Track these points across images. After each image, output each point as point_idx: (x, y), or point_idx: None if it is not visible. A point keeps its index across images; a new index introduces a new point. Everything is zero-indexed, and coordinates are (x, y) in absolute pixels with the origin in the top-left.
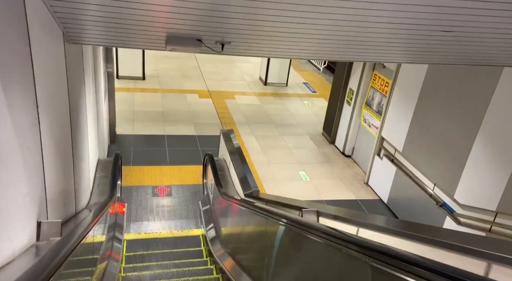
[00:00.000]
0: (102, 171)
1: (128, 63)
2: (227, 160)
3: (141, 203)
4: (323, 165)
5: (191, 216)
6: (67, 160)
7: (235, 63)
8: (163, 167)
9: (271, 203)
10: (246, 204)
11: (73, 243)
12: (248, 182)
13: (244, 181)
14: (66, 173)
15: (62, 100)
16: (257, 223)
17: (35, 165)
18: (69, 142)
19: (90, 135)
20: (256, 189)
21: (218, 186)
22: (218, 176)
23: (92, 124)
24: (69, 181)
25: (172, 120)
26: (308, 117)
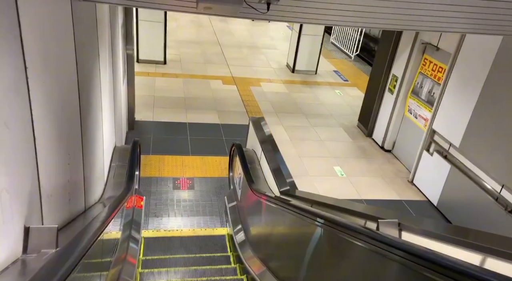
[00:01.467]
0: (118, 159)
1: (149, 46)
2: (257, 151)
3: (160, 196)
4: (360, 160)
5: (216, 212)
6: (73, 144)
7: (261, 49)
8: (185, 157)
9: (319, 206)
10: (288, 206)
11: (81, 251)
12: (283, 177)
13: (279, 176)
14: (72, 161)
15: (67, 68)
16: (302, 228)
17: (20, 148)
18: (77, 122)
19: (105, 118)
20: (291, 183)
21: (248, 181)
22: (248, 169)
23: (108, 106)
24: (77, 170)
25: (195, 107)
26: (341, 107)
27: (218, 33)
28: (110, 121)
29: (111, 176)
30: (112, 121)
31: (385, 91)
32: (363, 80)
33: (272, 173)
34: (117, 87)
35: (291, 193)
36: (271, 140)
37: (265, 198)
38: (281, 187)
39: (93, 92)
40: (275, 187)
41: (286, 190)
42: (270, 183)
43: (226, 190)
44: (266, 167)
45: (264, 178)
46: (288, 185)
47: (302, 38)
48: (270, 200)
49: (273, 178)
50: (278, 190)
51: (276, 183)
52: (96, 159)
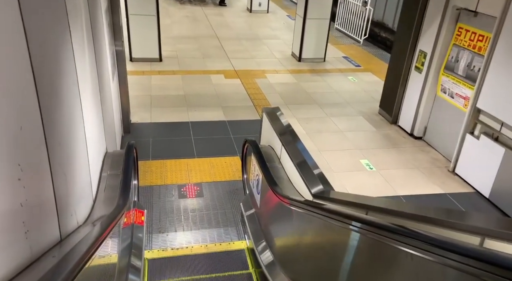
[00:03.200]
0: (111, 168)
1: (142, 43)
2: (276, 147)
3: (165, 208)
4: (389, 150)
5: (230, 222)
6: (29, 152)
7: (262, 40)
8: (190, 161)
9: (378, 213)
10: (332, 215)
11: None
12: (314, 176)
13: (309, 175)
14: (28, 175)
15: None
16: (358, 245)
17: None
18: (35, 125)
19: (89, 120)
20: (325, 182)
21: (270, 184)
22: (268, 169)
23: (92, 106)
24: (39, 187)
25: (197, 105)
26: (357, 94)
27: (215, 26)
28: (97, 124)
29: (101, 189)
30: (100, 124)
31: (411, 71)
32: (376, 65)
33: (299, 171)
34: (104, 86)
35: (328, 195)
36: (291, 132)
37: (296, 204)
38: (313, 189)
39: (63, 84)
40: (305, 188)
41: (320, 192)
42: (296, 184)
43: (241, 196)
44: (289, 165)
45: (288, 178)
46: (321, 185)
47: (307, 23)
48: (304, 207)
49: (300, 178)
50: (310, 193)
51: (305, 184)
52: (76, 170)
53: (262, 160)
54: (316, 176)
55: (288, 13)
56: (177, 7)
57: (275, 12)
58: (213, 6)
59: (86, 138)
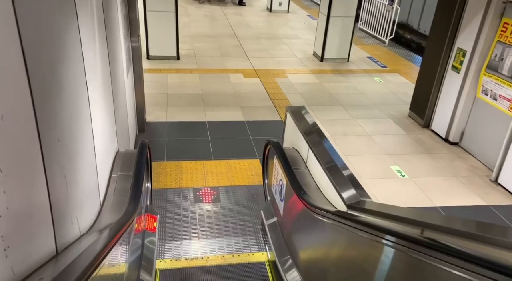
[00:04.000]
0: (121, 169)
1: (160, 40)
2: (301, 149)
3: (179, 213)
4: (422, 156)
5: (250, 231)
6: (16, 145)
7: (282, 40)
8: (207, 163)
9: (435, 231)
10: (380, 233)
11: None
12: (348, 183)
13: (342, 182)
14: (11, 176)
15: None
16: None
17: None
18: (27, 109)
19: (98, 114)
20: (361, 191)
21: (296, 191)
22: (294, 174)
23: (102, 102)
24: (27, 191)
25: (214, 104)
26: (384, 96)
27: (234, 26)
28: (108, 120)
29: (110, 192)
30: (111, 120)
31: (447, 71)
32: (404, 66)
33: (330, 177)
34: (117, 81)
35: (367, 207)
36: (319, 133)
37: (328, 215)
38: (348, 198)
39: (64, 76)
40: (336, 197)
41: (356, 202)
42: (326, 192)
43: (261, 202)
44: (318, 169)
45: (316, 185)
46: (357, 195)
47: (331, 21)
48: (338, 219)
49: (331, 185)
50: (344, 203)
51: (338, 192)
52: (79, 170)
53: (287, 163)
54: (350, 183)
55: (309, 13)
56: (196, 6)
57: (296, 12)
58: (232, 6)
59: (94, 135)
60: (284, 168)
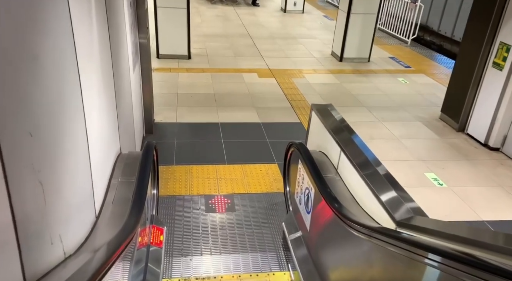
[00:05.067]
0: (124, 173)
1: (171, 39)
2: (331, 153)
3: (189, 224)
4: (460, 163)
5: (270, 246)
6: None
7: (297, 40)
8: (220, 167)
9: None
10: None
11: None
12: (396, 195)
13: (387, 193)
14: None
15: None
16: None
17: None
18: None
19: (95, 109)
20: (412, 205)
21: (330, 202)
22: (325, 182)
23: (100, 93)
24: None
25: (227, 105)
26: (411, 97)
27: (247, 26)
28: (108, 117)
29: (108, 200)
30: (112, 119)
31: (487, 68)
32: (429, 66)
33: (371, 187)
34: (121, 76)
35: (425, 225)
36: (354, 135)
37: (375, 234)
38: (397, 213)
39: (44, 57)
40: (379, 211)
41: (408, 218)
42: (364, 204)
43: (282, 212)
44: (353, 177)
45: (351, 195)
46: (409, 209)
47: (351, 18)
48: (388, 240)
49: (372, 196)
50: (392, 219)
51: (383, 205)
52: (64, 175)
53: (316, 169)
54: (398, 195)
55: (325, 14)
56: (208, 6)
57: (311, 12)
58: (246, 6)
59: (88, 132)
60: (312, 174)
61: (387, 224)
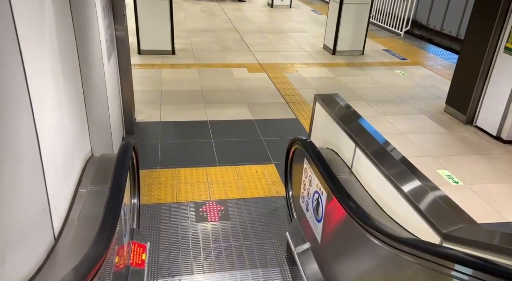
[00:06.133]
0: (95, 180)
1: (153, 34)
2: (342, 149)
3: (176, 237)
4: (473, 158)
5: (272, 260)
6: None
7: (287, 34)
8: (210, 170)
9: None
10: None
11: None
12: (435, 199)
13: (423, 196)
14: None
15: None
16: None
17: None
18: None
19: (49, 103)
20: (460, 213)
21: (349, 210)
22: (341, 185)
23: (57, 84)
24: None
25: (216, 101)
26: (411, 89)
27: (234, 20)
28: (71, 113)
29: (74, 216)
30: (79, 117)
31: (498, 54)
32: (426, 58)
33: (400, 190)
34: (91, 67)
35: (477, 238)
36: (370, 128)
37: (416, 252)
38: (441, 223)
39: None
40: (416, 219)
41: (455, 229)
42: (391, 209)
43: (283, 220)
44: (374, 177)
45: (371, 199)
46: (456, 217)
47: (344, 9)
48: (445, 263)
49: (404, 201)
50: (437, 231)
51: (419, 213)
52: None
53: (329, 171)
54: (438, 199)
55: (313, 8)
56: (191, 2)
57: (298, 7)
58: (231, 2)
59: (39, 134)
60: (324, 176)
61: (427, 236)
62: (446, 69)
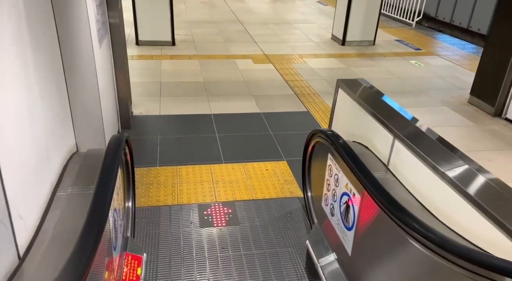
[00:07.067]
0: (78, 180)
1: (152, 24)
2: (376, 143)
3: (178, 246)
4: (508, 154)
5: (289, 273)
6: None
7: (292, 25)
8: (215, 167)
9: None
10: None
11: None
12: None
13: (498, 203)
14: None
15: None
16: None
17: None
18: None
19: (14, 87)
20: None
21: (402, 221)
22: (381, 187)
23: (28, 62)
24: None
25: (220, 94)
26: (429, 80)
27: (236, 12)
28: (45, 105)
29: (47, 227)
30: (60, 107)
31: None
32: (441, 48)
33: (465, 193)
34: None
35: None
36: (413, 118)
37: None
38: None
39: None
40: (491, 231)
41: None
42: (450, 217)
43: (300, 224)
44: (424, 176)
45: (419, 204)
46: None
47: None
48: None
49: (472, 208)
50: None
51: (495, 223)
52: None
53: (364, 167)
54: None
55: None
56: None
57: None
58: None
59: None
60: (359, 174)
61: (506, 253)
62: (464, 59)
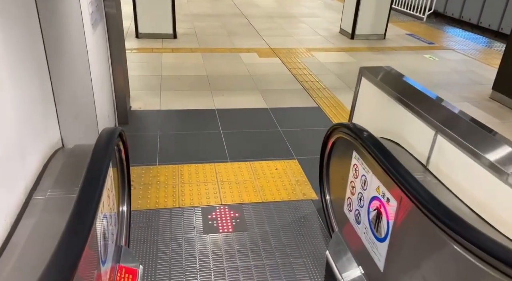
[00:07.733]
0: (62, 180)
1: (152, 16)
2: (411, 140)
3: (179, 255)
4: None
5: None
6: None
7: (298, 18)
8: (220, 166)
9: None
10: None
11: None
12: None
13: None
14: None
15: None
16: None
17: None
18: None
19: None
20: None
21: (463, 235)
22: (424, 190)
23: None
24: None
25: (225, 88)
26: (446, 75)
27: (240, 5)
28: (15, 89)
29: (17, 240)
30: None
31: None
32: (455, 42)
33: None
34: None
35: None
36: (447, 104)
37: None
38: None
39: None
40: None
41: None
42: (506, 226)
43: (316, 230)
44: (481, 178)
45: (471, 210)
46: None
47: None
48: None
49: None
50: None
51: None
52: None
53: (402, 168)
54: None
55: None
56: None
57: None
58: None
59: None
60: (397, 176)
61: None
62: (480, 53)
